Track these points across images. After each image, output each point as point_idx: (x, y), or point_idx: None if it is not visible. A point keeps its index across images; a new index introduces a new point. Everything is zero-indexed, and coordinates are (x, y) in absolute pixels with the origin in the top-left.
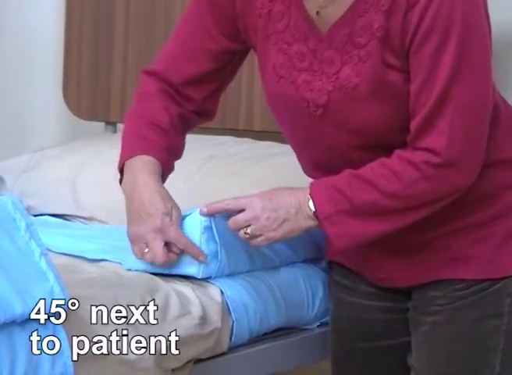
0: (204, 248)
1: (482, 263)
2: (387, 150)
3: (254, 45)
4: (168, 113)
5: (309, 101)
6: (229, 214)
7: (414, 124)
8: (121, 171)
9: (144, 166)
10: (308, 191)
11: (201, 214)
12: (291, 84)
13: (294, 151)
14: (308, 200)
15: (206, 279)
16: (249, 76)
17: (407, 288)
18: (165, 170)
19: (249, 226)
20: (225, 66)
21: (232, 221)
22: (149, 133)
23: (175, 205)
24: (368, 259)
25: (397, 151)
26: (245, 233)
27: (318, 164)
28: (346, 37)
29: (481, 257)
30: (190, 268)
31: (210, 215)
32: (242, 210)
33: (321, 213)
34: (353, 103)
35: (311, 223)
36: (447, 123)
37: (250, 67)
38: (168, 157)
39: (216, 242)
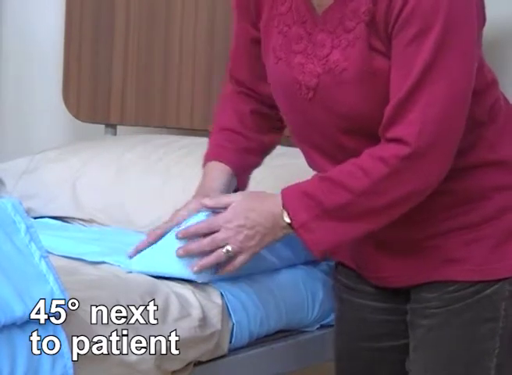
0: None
1: (475, 265)
2: (378, 137)
3: (261, 29)
4: (238, 115)
5: (301, 83)
6: None
7: (386, 112)
8: None
9: (210, 170)
10: (281, 202)
11: (178, 239)
12: (287, 66)
13: (294, 136)
14: (282, 212)
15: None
16: None
17: (405, 289)
18: (239, 169)
19: (227, 244)
20: None
21: (210, 240)
22: (220, 140)
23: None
24: (366, 258)
25: (367, 150)
26: (225, 251)
27: (317, 148)
28: (338, 21)
29: (473, 259)
30: (191, 272)
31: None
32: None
33: (296, 222)
34: (341, 87)
35: (287, 231)
36: (419, 113)
37: None
38: (239, 156)
39: None
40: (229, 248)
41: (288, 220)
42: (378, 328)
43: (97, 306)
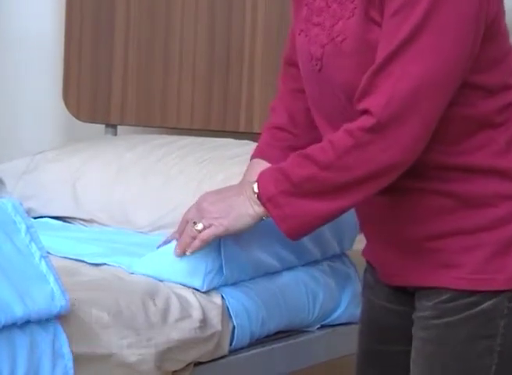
0: (210, 262)
1: (468, 273)
2: None
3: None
4: (289, 113)
5: (312, 55)
6: None
7: (361, 83)
8: None
9: (252, 167)
10: (256, 177)
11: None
12: (305, 38)
13: (311, 109)
14: (253, 184)
15: None
16: (249, 78)
17: (413, 293)
18: None
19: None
20: None
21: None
22: (268, 138)
23: None
24: (378, 254)
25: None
26: (195, 227)
27: (330, 121)
28: None
29: (467, 267)
30: (195, 280)
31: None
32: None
33: (264, 195)
34: (340, 58)
35: (258, 209)
36: (390, 85)
37: (250, 69)
38: (284, 154)
39: (221, 257)
40: (198, 224)
41: (256, 190)
42: (391, 331)
43: (97, 307)
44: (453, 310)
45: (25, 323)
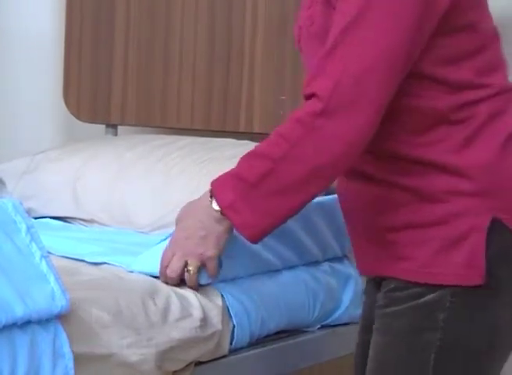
0: None
1: (415, 266)
2: None
3: None
4: None
5: (296, 36)
6: None
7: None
8: None
9: None
10: (209, 194)
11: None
12: (297, 23)
13: None
14: (211, 202)
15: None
16: (249, 78)
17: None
18: None
19: (186, 264)
20: None
21: (169, 270)
22: None
23: None
24: (351, 242)
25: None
26: (188, 271)
27: None
28: None
29: (416, 259)
30: None
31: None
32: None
33: (223, 204)
34: (310, 42)
35: (226, 222)
36: (338, 68)
37: (250, 69)
38: None
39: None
40: (189, 268)
41: (217, 208)
42: (372, 320)
43: (97, 306)
44: (399, 300)
45: (25, 323)
